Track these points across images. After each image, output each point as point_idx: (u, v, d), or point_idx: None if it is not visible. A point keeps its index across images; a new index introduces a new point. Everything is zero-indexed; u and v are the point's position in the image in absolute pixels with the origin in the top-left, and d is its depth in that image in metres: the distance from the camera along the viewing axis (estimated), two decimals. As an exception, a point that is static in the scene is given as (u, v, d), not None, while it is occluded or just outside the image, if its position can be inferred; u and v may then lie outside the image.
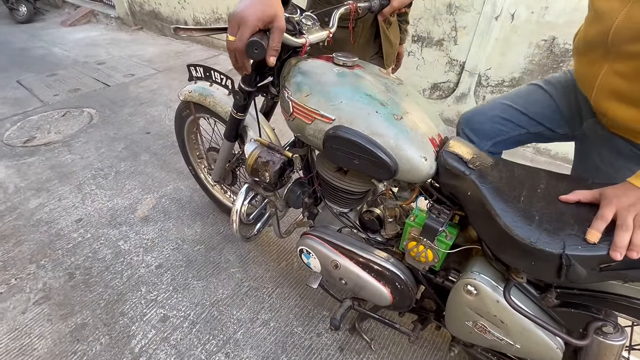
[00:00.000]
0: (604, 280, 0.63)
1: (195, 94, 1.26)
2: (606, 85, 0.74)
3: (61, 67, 3.74)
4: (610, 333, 0.65)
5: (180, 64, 3.77)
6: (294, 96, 0.86)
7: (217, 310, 1.37)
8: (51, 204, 1.88)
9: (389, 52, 1.39)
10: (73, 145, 2.39)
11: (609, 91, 0.74)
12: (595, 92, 0.77)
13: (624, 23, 0.66)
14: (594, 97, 0.78)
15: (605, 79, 0.74)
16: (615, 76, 0.72)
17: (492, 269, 0.76)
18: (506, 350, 0.77)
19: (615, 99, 0.74)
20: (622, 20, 0.66)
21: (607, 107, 0.76)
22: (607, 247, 0.58)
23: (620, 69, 0.70)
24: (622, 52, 0.68)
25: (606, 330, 0.66)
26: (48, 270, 1.53)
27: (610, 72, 0.72)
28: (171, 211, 1.84)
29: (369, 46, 1.36)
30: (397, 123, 0.77)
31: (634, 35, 0.64)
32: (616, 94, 0.73)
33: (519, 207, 0.68)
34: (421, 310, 1.03)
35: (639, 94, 0.69)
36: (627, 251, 0.56)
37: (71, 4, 6.10)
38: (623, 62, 0.69)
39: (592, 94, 0.78)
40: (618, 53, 0.69)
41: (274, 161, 0.90)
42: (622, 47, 0.68)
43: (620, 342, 0.65)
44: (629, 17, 0.65)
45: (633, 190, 0.58)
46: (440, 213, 0.81)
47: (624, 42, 0.67)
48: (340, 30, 1.28)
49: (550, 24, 1.95)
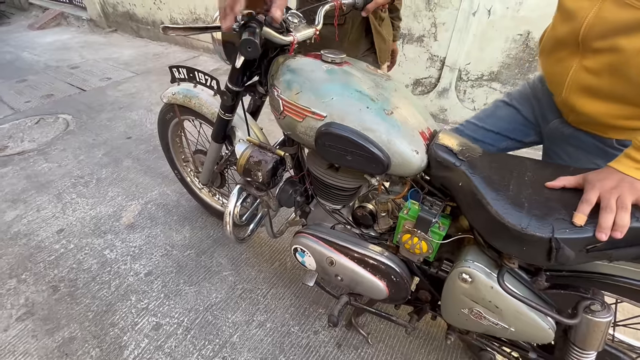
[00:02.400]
0: (591, 260, 0.66)
1: (180, 95, 1.24)
2: (576, 81, 0.77)
3: (31, 73, 3.57)
4: (598, 311, 0.69)
5: (159, 66, 3.68)
6: (283, 94, 0.86)
7: (211, 314, 1.35)
8: (29, 216, 1.80)
9: (382, 48, 1.40)
10: (49, 153, 2.29)
11: (579, 87, 0.77)
12: (566, 88, 0.79)
13: (594, 21, 0.69)
14: (564, 94, 0.81)
15: (575, 76, 0.76)
16: (585, 72, 0.74)
17: (485, 257, 0.78)
18: (501, 334, 0.80)
19: (585, 95, 0.76)
20: (592, 19, 0.69)
21: (578, 103, 0.78)
22: (593, 229, 0.60)
23: (590, 65, 0.73)
24: (592, 48, 0.71)
25: (594, 309, 0.69)
26: (30, 284, 1.46)
27: (580, 69, 0.75)
28: (158, 217, 1.79)
29: (361, 43, 1.36)
30: (387, 118, 0.78)
31: (603, 33, 0.68)
32: (586, 90, 0.76)
33: (509, 195, 0.70)
34: (417, 302, 1.05)
35: (607, 89, 0.72)
36: (612, 231, 0.59)
37: (38, 6, 5.85)
38: (592, 58, 0.72)
39: (563, 91, 0.80)
40: (587, 50, 0.72)
41: (266, 160, 0.90)
42: (591, 43, 0.70)
43: (607, 318, 0.68)
44: (599, 16, 0.68)
45: (615, 174, 0.62)
46: (432, 205, 0.83)
47: (594, 39, 0.70)
48: (329, 27, 1.27)
49: (525, 19, 2.02)
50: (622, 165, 0.62)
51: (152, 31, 4.53)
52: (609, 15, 0.66)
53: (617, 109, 0.73)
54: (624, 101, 0.71)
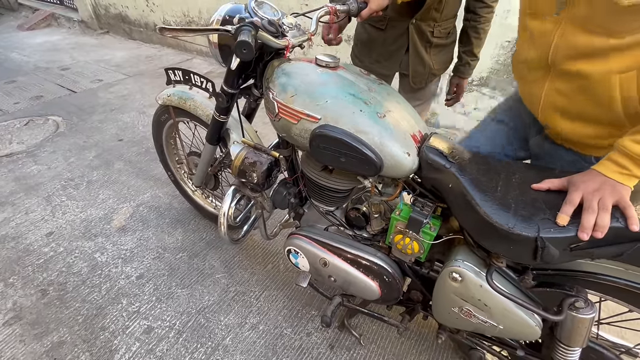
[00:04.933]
0: (574, 259, 0.69)
1: (175, 97, 1.24)
2: (549, 102, 0.79)
3: (21, 74, 3.52)
4: (582, 308, 0.71)
5: (151, 68, 3.65)
6: (279, 97, 0.87)
7: (203, 317, 1.34)
8: (17, 218, 1.76)
9: (417, 71, 1.33)
10: (38, 155, 2.26)
11: (553, 108, 0.79)
12: (541, 108, 0.81)
13: (561, 43, 0.70)
14: (540, 112, 0.83)
15: (547, 97, 0.78)
16: (557, 94, 0.76)
17: (474, 256, 0.80)
18: (490, 332, 0.82)
19: (559, 115, 0.78)
20: (558, 42, 0.70)
21: (553, 122, 0.81)
22: (576, 228, 0.63)
23: (561, 87, 0.74)
24: (561, 71, 0.72)
25: (578, 305, 0.71)
26: (18, 288, 1.43)
27: (552, 91, 0.77)
28: (150, 219, 1.78)
29: (399, 56, 1.32)
30: (380, 121, 0.80)
31: (570, 55, 0.69)
32: (560, 110, 0.78)
33: (497, 196, 0.72)
34: (408, 302, 1.07)
35: (579, 109, 0.74)
36: (593, 232, 0.61)
37: (28, 6, 5.76)
38: (562, 81, 0.74)
39: (539, 110, 0.83)
40: (557, 72, 0.73)
41: (261, 162, 0.91)
42: (560, 66, 0.71)
43: (591, 315, 0.71)
44: (564, 38, 0.69)
45: (598, 177, 0.64)
46: (424, 206, 0.85)
47: (562, 62, 0.71)
48: (375, 30, 1.31)
49: (512, 26, 2.08)
50: (605, 168, 0.65)
51: (144, 33, 4.51)
52: (571, 39, 0.67)
53: (592, 129, 0.75)
54: (598, 122, 0.73)
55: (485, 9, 1.27)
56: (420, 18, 1.22)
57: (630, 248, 0.61)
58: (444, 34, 1.30)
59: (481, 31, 1.31)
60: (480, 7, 1.26)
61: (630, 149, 0.61)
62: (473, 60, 1.38)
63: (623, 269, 0.70)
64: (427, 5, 1.18)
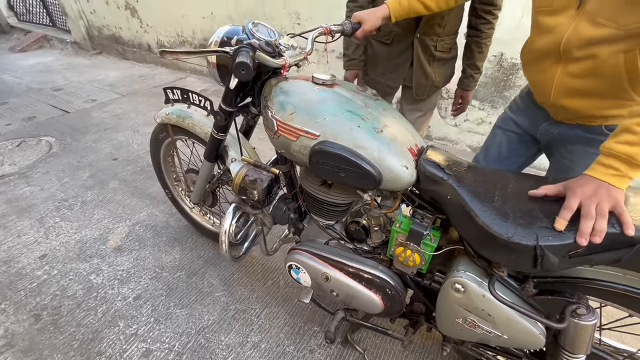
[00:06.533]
0: (573, 266, 0.70)
1: (173, 116, 1.25)
2: (562, 85, 0.87)
3: (12, 95, 3.51)
4: (584, 314, 0.72)
5: (145, 87, 3.68)
6: (277, 115, 0.89)
7: (204, 337, 1.32)
8: (9, 242, 1.73)
9: (420, 84, 1.40)
10: (31, 176, 2.23)
11: (565, 89, 0.87)
12: (554, 92, 0.89)
13: (573, 35, 0.79)
14: (552, 97, 0.90)
15: (560, 80, 0.87)
16: (569, 76, 0.85)
17: (476, 266, 0.81)
18: (495, 342, 0.82)
19: (571, 95, 0.87)
20: (571, 33, 0.79)
21: (566, 103, 0.89)
22: (573, 235, 0.65)
23: (573, 70, 0.83)
24: (573, 57, 0.81)
25: (580, 312, 0.72)
26: (9, 314, 1.39)
27: (564, 74, 0.85)
28: (146, 239, 1.76)
29: (404, 69, 1.39)
30: (378, 136, 0.82)
31: (581, 44, 0.78)
32: (572, 91, 0.86)
33: (495, 206, 0.74)
34: (411, 314, 1.06)
35: (590, 87, 0.83)
36: (591, 237, 0.63)
37: (20, 29, 5.80)
38: (574, 65, 0.82)
39: (551, 95, 0.90)
40: (569, 58, 0.82)
41: (261, 179, 0.92)
42: (572, 53, 0.81)
43: (593, 321, 0.72)
44: (576, 32, 0.78)
45: (592, 181, 0.67)
46: (423, 218, 0.86)
47: (574, 50, 0.80)
48: (382, 45, 1.39)
49: (498, 40, 2.15)
50: (597, 172, 0.67)
51: (138, 53, 4.56)
52: (585, 32, 0.77)
53: (600, 102, 0.85)
54: (605, 95, 0.83)
55: (487, 25, 1.34)
56: (424, 32, 1.29)
57: (627, 253, 0.62)
58: (446, 48, 1.37)
59: (483, 46, 1.38)
60: (482, 24, 1.33)
61: (616, 150, 0.65)
62: (476, 73, 1.45)
63: (621, 274, 0.72)
64: (430, 20, 1.25)
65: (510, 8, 2.02)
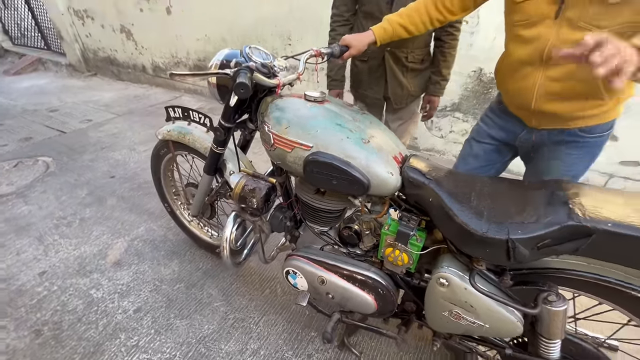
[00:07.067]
0: (542, 257, 0.78)
1: (174, 132, 1.33)
2: (544, 90, 0.95)
3: (8, 117, 3.55)
4: (554, 301, 0.80)
5: (141, 107, 3.76)
6: (274, 129, 0.97)
7: (204, 346, 1.35)
8: (8, 260, 1.75)
9: (396, 93, 1.56)
10: (29, 195, 2.26)
11: (546, 94, 0.95)
12: (535, 98, 0.98)
13: (557, 41, 0.88)
14: (534, 103, 0.99)
15: (542, 86, 0.95)
16: (550, 81, 0.93)
17: (458, 262, 0.89)
18: (478, 332, 0.89)
19: (552, 99, 0.95)
20: (554, 40, 0.88)
21: (547, 107, 0.97)
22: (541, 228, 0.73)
23: (553, 75, 0.92)
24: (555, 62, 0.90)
25: (551, 299, 0.80)
26: (10, 330, 1.41)
27: (545, 79, 0.94)
28: (145, 253, 1.80)
29: (382, 82, 1.55)
30: (365, 146, 0.91)
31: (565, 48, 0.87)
32: (553, 94, 0.95)
33: (471, 206, 0.82)
34: (403, 314, 1.13)
35: (568, 90, 0.92)
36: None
37: (15, 52, 5.89)
38: (554, 69, 0.91)
39: (533, 100, 0.98)
40: (551, 64, 0.91)
41: (260, 187, 0.99)
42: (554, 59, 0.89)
43: (563, 307, 0.79)
44: (559, 38, 0.88)
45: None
46: (409, 220, 0.94)
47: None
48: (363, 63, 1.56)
49: (476, 57, 2.32)
50: None
51: (132, 74, 4.66)
52: (568, 36, 0.86)
53: (578, 104, 0.94)
54: (582, 97, 0.92)
55: (450, 37, 1.49)
56: (394, 46, 1.43)
57: (585, 243, 0.71)
58: (418, 60, 1.52)
59: (447, 55, 1.53)
60: (445, 35, 1.49)
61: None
62: (442, 80, 1.59)
63: (585, 263, 0.80)
64: None
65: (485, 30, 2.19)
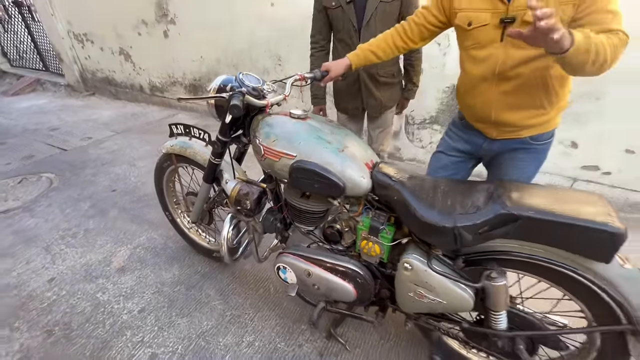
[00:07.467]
0: (483, 241, 0.95)
1: (177, 146, 1.51)
2: (499, 102, 1.13)
3: (10, 136, 3.69)
4: (495, 277, 0.97)
5: (139, 124, 3.93)
6: (264, 142, 1.16)
7: (203, 340, 1.48)
8: (18, 268, 1.87)
9: (369, 103, 1.82)
10: (35, 209, 2.39)
11: (502, 105, 1.13)
12: (494, 110, 1.15)
13: (507, 59, 1.05)
14: (494, 115, 1.16)
15: (497, 99, 1.13)
16: (503, 94, 1.10)
17: (419, 250, 1.06)
18: (439, 308, 1.05)
19: (508, 110, 1.13)
20: (505, 58, 1.05)
21: (505, 117, 1.15)
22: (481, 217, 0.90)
23: (505, 89, 1.09)
24: (505, 77, 1.07)
25: (493, 276, 0.97)
26: (23, 331, 1.53)
27: (499, 93, 1.11)
28: (147, 259, 1.93)
29: (359, 95, 1.80)
30: (341, 154, 1.10)
31: (511, 66, 1.05)
32: (507, 105, 1.12)
33: (428, 202, 1.00)
34: (380, 301, 1.29)
35: (519, 101, 1.09)
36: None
37: (13, 74, 6.06)
38: (506, 84, 1.08)
39: (492, 112, 1.16)
40: (502, 78, 1.08)
41: (252, 191, 1.16)
42: (506, 73, 1.07)
43: (503, 282, 0.96)
44: (507, 56, 1.04)
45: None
46: (379, 216, 1.12)
47: (506, 71, 1.06)
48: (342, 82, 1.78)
49: (449, 76, 2.55)
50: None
51: (130, 93, 4.85)
52: (514, 55, 1.03)
53: (528, 113, 1.11)
54: (529, 106, 1.10)
55: (415, 54, 1.79)
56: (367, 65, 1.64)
57: (513, 227, 0.89)
58: (389, 74, 1.78)
59: (415, 65, 1.83)
60: (410, 53, 1.78)
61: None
62: (413, 86, 1.90)
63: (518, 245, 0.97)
64: None
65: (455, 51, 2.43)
